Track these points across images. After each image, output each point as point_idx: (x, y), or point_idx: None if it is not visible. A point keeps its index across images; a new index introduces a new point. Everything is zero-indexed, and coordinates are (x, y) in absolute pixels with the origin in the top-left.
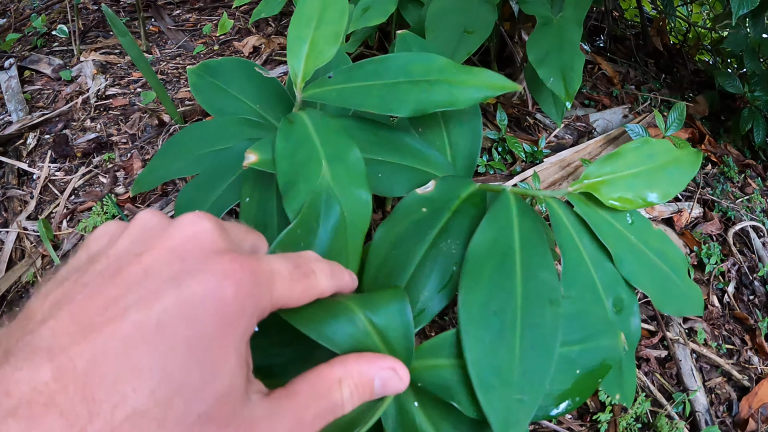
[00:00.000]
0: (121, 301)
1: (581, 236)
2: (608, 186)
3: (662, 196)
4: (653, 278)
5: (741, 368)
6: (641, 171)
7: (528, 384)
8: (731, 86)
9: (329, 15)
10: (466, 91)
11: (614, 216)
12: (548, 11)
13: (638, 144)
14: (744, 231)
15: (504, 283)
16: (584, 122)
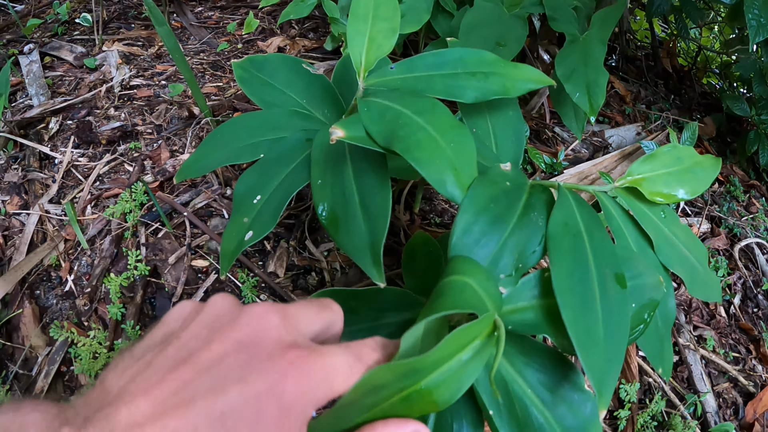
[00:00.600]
0: (190, 387)
1: (626, 225)
2: (648, 182)
3: (690, 192)
4: (684, 266)
5: (746, 375)
6: (673, 171)
7: (611, 345)
8: (739, 109)
9: (383, 12)
10: (515, 82)
11: (651, 209)
12: (576, 29)
13: (669, 149)
14: (749, 247)
15: (580, 257)
16: (600, 137)
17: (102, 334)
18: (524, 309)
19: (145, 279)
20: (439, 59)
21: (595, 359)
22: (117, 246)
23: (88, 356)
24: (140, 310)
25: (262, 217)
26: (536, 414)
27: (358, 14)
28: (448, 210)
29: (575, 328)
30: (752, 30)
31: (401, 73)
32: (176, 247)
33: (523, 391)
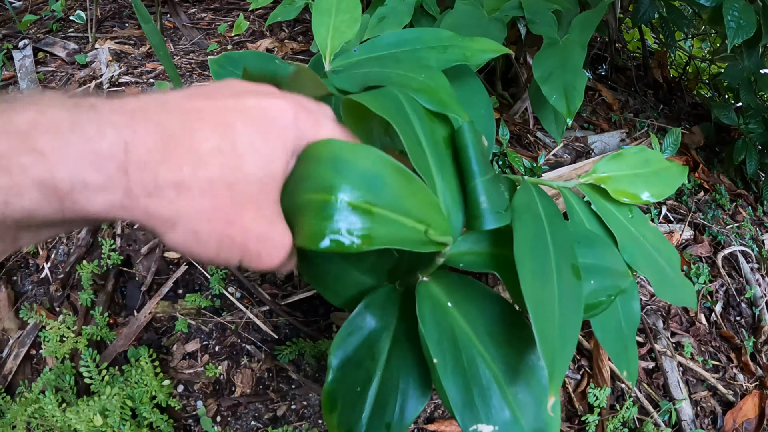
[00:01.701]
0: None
1: (589, 221)
2: (613, 181)
3: (656, 195)
4: (651, 267)
5: (726, 383)
6: (640, 173)
7: (565, 326)
8: (727, 118)
9: (344, 6)
10: (474, 51)
11: (618, 208)
12: (555, 33)
13: (637, 150)
14: (733, 255)
15: (540, 233)
16: (582, 143)
17: (71, 319)
18: (477, 253)
19: (118, 268)
20: (399, 38)
21: (549, 330)
22: (93, 236)
23: (55, 339)
24: (111, 298)
25: None
26: (484, 369)
27: (321, 9)
28: None
29: (532, 293)
30: (731, 32)
31: (364, 54)
32: (150, 238)
33: (471, 342)
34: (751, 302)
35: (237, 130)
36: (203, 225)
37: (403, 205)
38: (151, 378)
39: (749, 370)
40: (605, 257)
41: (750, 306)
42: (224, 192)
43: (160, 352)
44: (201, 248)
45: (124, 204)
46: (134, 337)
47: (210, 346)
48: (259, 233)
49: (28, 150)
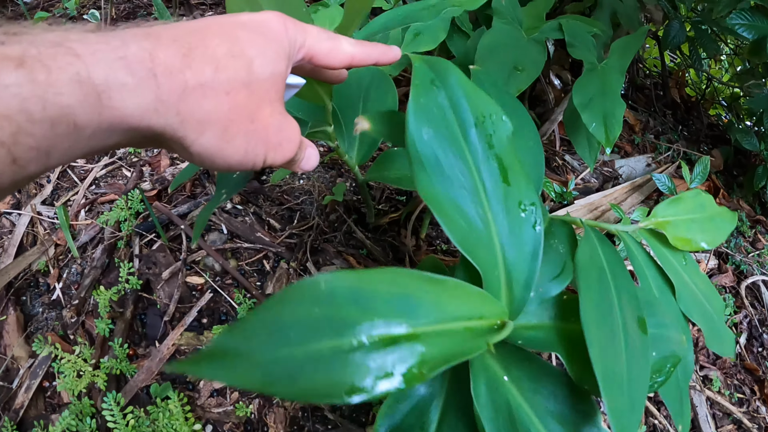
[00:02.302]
0: (212, 19)
1: (648, 268)
2: (672, 226)
3: (711, 242)
4: (703, 317)
5: (750, 417)
6: (696, 218)
7: (634, 390)
8: (748, 143)
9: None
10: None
11: (674, 255)
12: (594, 57)
13: (694, 194)
14: (755, 284)
15: (606, 292)
16: (610, 167)
17: (88, 351)
18: (538, 327)
19: (137, 293)
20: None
21: (620, 403)
22: (109, 256)
23: (72, 374)
24: (129, 326)
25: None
26: None
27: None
28: None
29: (602, 365)
30: None
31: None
32: (171, 261)
33: (529, 419)
34: None
35: (242, 38)
36: (230, 124)
37: (446, 311)
38: (181, 423)
39: None
40: (665, 322)
41: None
42: (243, 91)
43: (185, 389)
44: (231, 149)
45: (157, 107)
46: (156, 371)
47: None
48: (277, 125)
49: (63, 52)
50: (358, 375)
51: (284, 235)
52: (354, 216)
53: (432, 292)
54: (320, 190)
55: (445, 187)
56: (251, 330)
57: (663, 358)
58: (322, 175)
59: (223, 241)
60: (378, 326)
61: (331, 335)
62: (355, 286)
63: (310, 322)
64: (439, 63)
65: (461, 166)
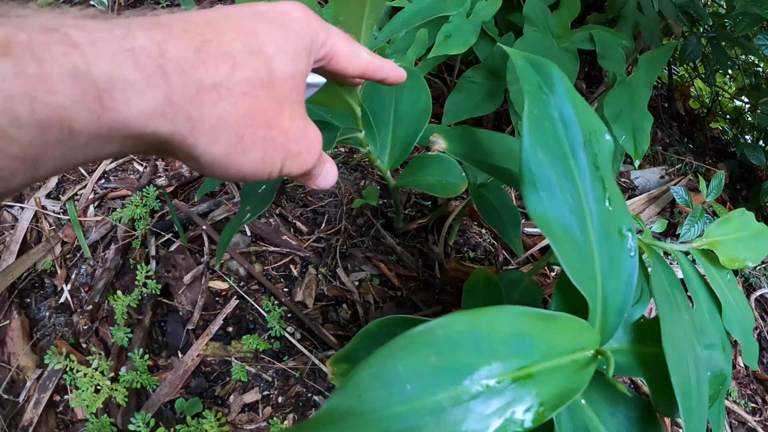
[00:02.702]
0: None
1: (700, 288)
2: (722, 246)
3: (754, 260)
4: (742, 333)
5: (764, 425)
6: (741, 236)
7: (701, 411)
8: (755, 159)
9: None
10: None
11: (719, 272)
12: (624, 70)
13: (739, 213)
14: (764, 297)
15: (675, 320)
16: (626, 178)
17: (105, 363)
18: (620, 351)
19: (155, 299)
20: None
21: (693, 421)
22: (123, 256)
23: (89, 389)
24: (148, 335)
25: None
26: None
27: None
28: (481, 243)
29: (680, 387)
30: None
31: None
32: (191, 264)
33: None
34: None
35: (260, 32)
36: (246, 130)
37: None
38: None
39: None
40: (714, 342)
41: None
42: (261, 92)
43: (213, 404)
44: (246, 157)
45: (165, 111)
46: (181, 384)
47: (272, 396)
48: (298, 131)
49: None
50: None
51: (312, 239)
52: (381, 220)
53: (544, 328)
54: (345, 192)
55: (556, 210)
56: (364, 386)
57: (714, 378)
58: (347, 176)
59: (247, 244)
60: (495, 369)
61: (450, 383)
62: (472, 330)
63: (426, 372)
64: (544, 65)
65: (571, 188)
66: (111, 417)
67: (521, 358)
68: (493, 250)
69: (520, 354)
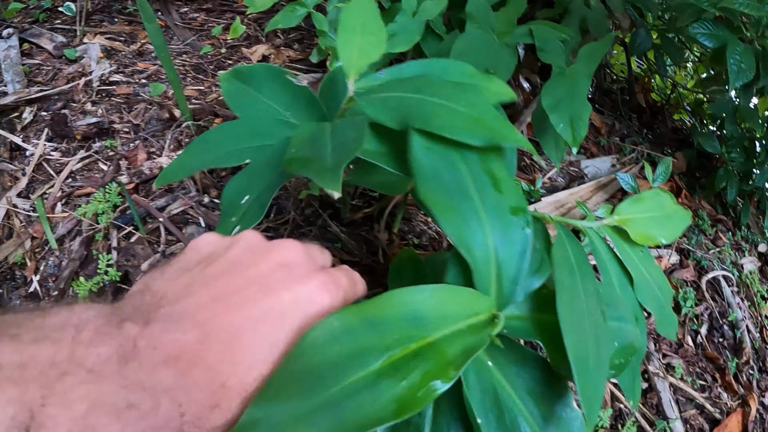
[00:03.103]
0: (248, 291)
1: (610, 263)
2: (633, 223)
3: (668, 237)
4: (656, 305)
5: (713, 402)
6: (655, 216)
7: (598, 374)
8: (710, 147)
9: (370, 27)
10: (491, 93)
11: (633, 248)
12: (563, 62)
13: (653, 194)
14: (716, 279)
15: (575, 288)
16: (576, 167)
17: None
18: (521, 317)
19: (116, 285)
20: (427, 68)
21: (588, 385)
22: (87, 248)
23: None
24: None
25: (250, 212)
26: (525, 427)
27: (347, 27)
28: (427, 231)
29: (574, 352)
30: (733, 74)
31: (390, 77)
32: (149, 253)
33: (512, 401)
34: (733, 325)
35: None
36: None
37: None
38: None
39: (732, 390)
40: (624, 315)
41: (732, 328)
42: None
43: None
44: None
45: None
46: None
47: None
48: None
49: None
50: (396, 392)
51: (260, 228)
52: (329, 211)
53: (433, 301)
54: (296, 185)
55: (445, 195)
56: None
57: (623, 348)
58: None
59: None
60: (397, 345)
61: (360, 365)
62: (366, 317)
63: (336, 360)
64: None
65: (458, 178)
66: None
67: (419, 330)
68: (437, 237)
69: (417, 327)
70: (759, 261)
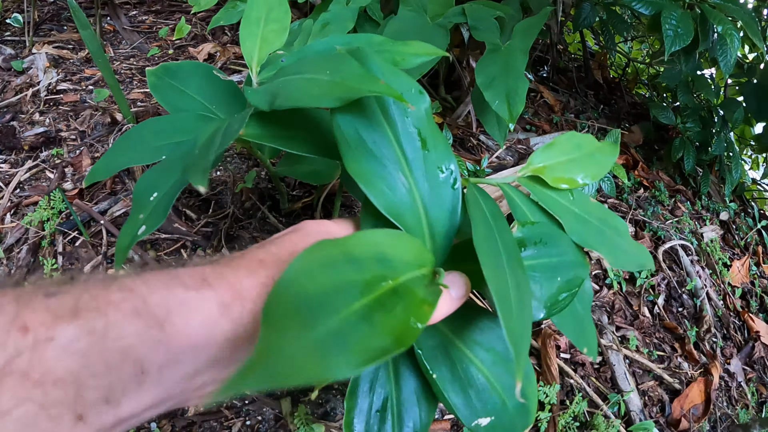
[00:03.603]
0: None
1: (532, 212)
2: (549, 170)
3: (592, 176)
4: (603, 242)
5: (672, 373)
6: (573, 158)
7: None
8: (665, 118)
9: (274, 15)
10: (405, 56)
11: (558, 194)
12: (497, 39)
13: (568, 137)
14: (673, 249)
15: (490, 236)
16: (525, 145)
17: None
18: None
19: None
20: (328, 45)
21: (512, 324)
22: (34, 255)
23: None
24: None
25: (156, 212)
26: (476, 373)
27: (250, 18)
28: None
29: (495, 286)
30: (669, 40)
31: (292, 61)
32: (93, 255)
33: (462, 352)
34: (692, 293)
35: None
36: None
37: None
38: None
39: (693, 359)
40: (565, 249)
41: (691, 297)
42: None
43: None
44: None
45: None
46: None
47: None
48: None
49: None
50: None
51: (200, 224)
52: (269, 203)
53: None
54: (236, 180)
55: (370, 163)
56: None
57: (567, 282)
58: (239, 165)
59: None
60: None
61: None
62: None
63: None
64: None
65: (383, 140)
66: None
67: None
68: None
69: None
70: (721, 229)
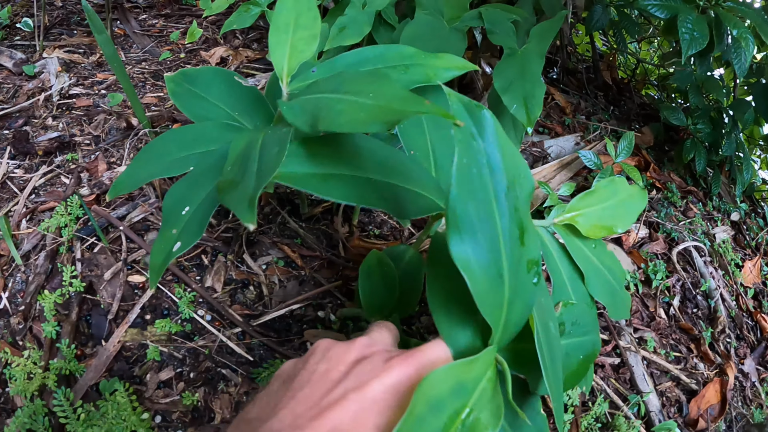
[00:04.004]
0: (336, 390)
1: (561, 261)
2: (585, 218)
3: (623, 226)
4: (608, 294)
5: (688, 373)
6: (608, 204)
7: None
8: (676, 119)
9: (303, 21)
10: (437, 70)
11: (585, 243)
12: (514, 43)
13: (606, 183)
14: (687, 250)
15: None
16: (539, 148)
17: (37, 354)
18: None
19: (81, 296)
20: (360, 57)
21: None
22: (52, 261)
23: (23, 377)
24: (76, 328)
25: (190, 227)
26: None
27: (279, 25)
28: (387, 221)
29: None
30: (685, 43)
31: (323, 74)
32: (112, 262)
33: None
34: (707, 294)
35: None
36: None
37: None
38: (129, 413)
39: (709, 359)
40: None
41: (705, 298)
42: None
43: (133, 383)
44: None
45: None
46: (104, 369)
47: (184, 372)
48: None
49: None
50: None
51: (220, 229)
52: (288, 207)
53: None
54: None
55: (476, 252)
56: None
57: (586, 357)
58: None
59: None
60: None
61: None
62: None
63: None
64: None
65: (492, 232)
66: (43, 400)
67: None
68: (398, 226)
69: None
70: (732, 230)
